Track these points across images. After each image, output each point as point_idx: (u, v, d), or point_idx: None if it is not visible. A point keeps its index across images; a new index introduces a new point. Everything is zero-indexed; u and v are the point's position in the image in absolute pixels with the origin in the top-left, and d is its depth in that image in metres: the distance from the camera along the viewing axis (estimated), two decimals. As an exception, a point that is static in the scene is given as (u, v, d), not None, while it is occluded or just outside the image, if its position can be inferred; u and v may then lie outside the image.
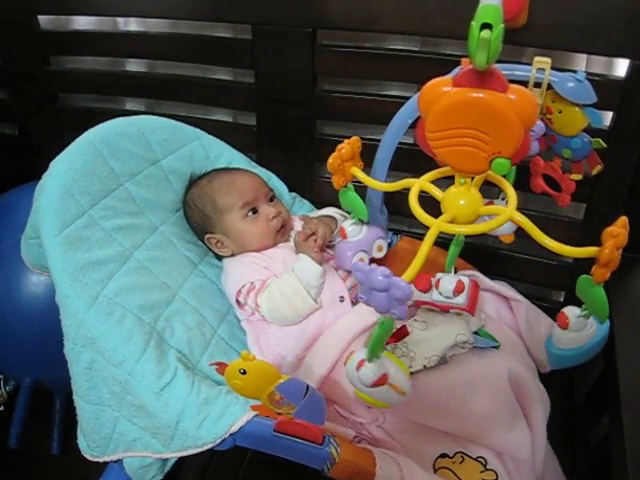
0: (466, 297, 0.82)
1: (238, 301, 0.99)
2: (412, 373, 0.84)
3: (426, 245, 0.66)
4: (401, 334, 0.86)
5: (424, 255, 0.65)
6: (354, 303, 0.99)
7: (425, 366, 0.84)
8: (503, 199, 0.96)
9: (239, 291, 0.98)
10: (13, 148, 1.51)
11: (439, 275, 0.84)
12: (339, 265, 1.00)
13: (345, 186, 0.92)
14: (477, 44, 0.53)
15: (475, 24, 0.52)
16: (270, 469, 1.05)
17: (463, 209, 0.68)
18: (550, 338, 0.77)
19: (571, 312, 0.73)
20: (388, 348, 0.85)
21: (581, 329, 0.73)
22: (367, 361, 0.67)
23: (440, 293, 0.82)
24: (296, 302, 0.94)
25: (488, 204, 0.93)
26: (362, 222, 1.00)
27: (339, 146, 0.86)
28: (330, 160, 0.86)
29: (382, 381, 0.68)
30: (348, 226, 0.99)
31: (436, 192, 0.73)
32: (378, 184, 0.88)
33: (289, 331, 0.97)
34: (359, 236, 0.99)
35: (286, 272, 0.97)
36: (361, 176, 0.88)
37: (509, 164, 0.61)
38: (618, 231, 0.65)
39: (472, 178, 0.68)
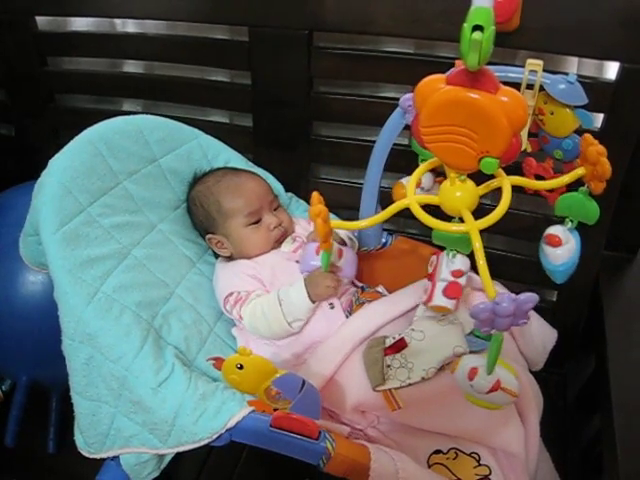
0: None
1: (226, 309, 1.00)
2: (410, 384, 0.85)
3: (481, 258, 0.66)
4: (400, 346, 0.87)
5: (485, 266, 0.66)
6: (349, 312, 0.99)
7: (423, 378, 0.84)
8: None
9: (226, 299, 0.99)
10: (10, 148, 1.51)
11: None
12: (301, 267, 0.97)
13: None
14: (469, 45, 0.54)
15: (467, 26, 0.54)
16: (266, 466, 1.06)
17: (465, 199, 0.70)
18: (547, 259, 0.83)
19: (557, 230, 0.82)
20: (387, 359, 0.86)
21: (567, 242, 0.81)
22: (487, 373, 0.69)
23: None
24: (274, 327, 0.94)
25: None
26: None
27: (315, 210, 0.76)
28: (318, 229, 0.77)
29: (496, 387, 0.70)
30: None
31: (432, 199, 0.74)
32: (363, 223, 0.81)
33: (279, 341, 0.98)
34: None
35: (274, 294, 0.96)
36: (342, 225, 0.85)
37: (497, 164, 0.62)
38: (602, 148, 0.72)
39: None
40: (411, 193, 0.76)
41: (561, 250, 0.81)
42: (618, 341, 0.99)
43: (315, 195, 0.77)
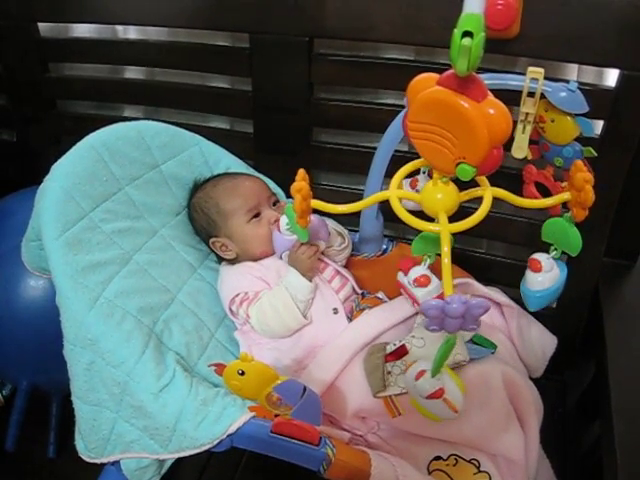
0: (424, 295, 0.84)
1: (231, 310, 1.00)
2: None
3: (446, 254, 0.67)
4: (400, 353, 0.88)
5: (449, 265, 0.66)
6: (350, 318, 1.00)
7: None
8: (424, 172, 0.99)
9: (232, 299, 0.99)
10: (11, 154, 1.52)
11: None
12: (277, 253, 1.02)
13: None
14: (458, 51, 0.55)
15: (457, 32, 0.54)
16: (266, 472, 1.06)
17: (445, 202, 0.71)
18: (524, 283, 0.82)
19: (541, 257, 0.80)
20: (387, 366, 0.87)
21: (549, 270, 0.79)
22: (431, 375, 0.70)
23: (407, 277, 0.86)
24: (285, 316, 0.95)
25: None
26: None
27: (297, 186, 0.76)
28: (296, 204, 0.77)
29: (438, 394, 0.70)
30: (284, 223, 0.97)
31: (414, 196, 0.76)
32: (343, 208, 0.80)
33: (282, 342, 0.98)
34: (292, 237, 0.97)
35: (277, 285, 0.98)
36: (321, 206, 0.81)
37: (473, 172, 0.63)
38: (589, 175, 0.71)
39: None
40: (393, 187, 0.76)
41: (541, 277, 0.80)
42: (618, 348, 0.99)
43: (301, 172, 0.78)
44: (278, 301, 0.95)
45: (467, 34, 0.54)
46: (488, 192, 0.72)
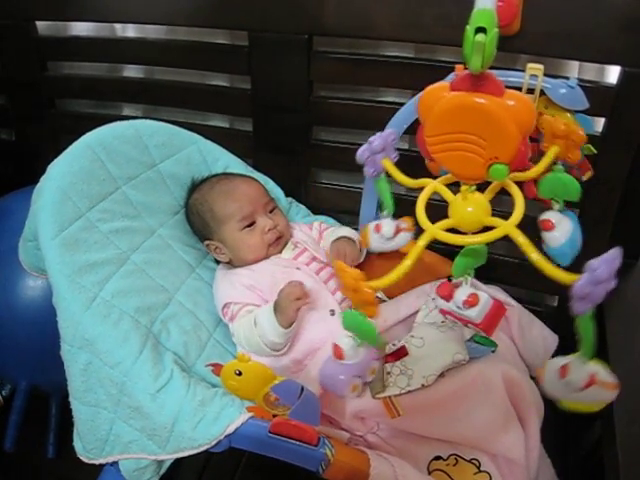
0: (479, 313, 0.76)
1: (225, 319, 1.00)
2: (410, 391, 0.84)
3: (532, 252, 0.65)
4: (400, 354, 0.87)
5: (541, 259, 0.65)
6: None
7: (423, 385, 0.84)
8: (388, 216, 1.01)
9: (222, 310, 0.99)
10: (10, 153, 1.52)
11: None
12: (330, 389, 0.84)
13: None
14: (472, 48, 0.54)
15: (470, 28, 0.53)
16: (266, 472, 1.06)
17: (469, 216, 0.68)
18: (547, 245, 0.82)
19: (548, 214, 0.83)
20: (386, 367, 0.86)
21: (560, 223, 0.82)
22: (582, 362, 0.66)
23: (454, 303, 0.79)
24: (256, 349, 0.93)
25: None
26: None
27: (350, 286, 0.72)
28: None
29: (592, 381, 0.65)
30: (346, 345, 0.80)
31: (448, 195, 0.72)
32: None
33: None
34: (356, 359, 0.81)
35: (251, 317, 0.94)
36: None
37: (507, 170, 0.61)
38: (561, 120, 0.77)
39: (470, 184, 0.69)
40: (425, 222, 0.71)
41: (558, 232, 0.81)
42: (619, 347, 0.98)
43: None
44: (248, 333, 0.94)
45: (480, 30, 0.53)
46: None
